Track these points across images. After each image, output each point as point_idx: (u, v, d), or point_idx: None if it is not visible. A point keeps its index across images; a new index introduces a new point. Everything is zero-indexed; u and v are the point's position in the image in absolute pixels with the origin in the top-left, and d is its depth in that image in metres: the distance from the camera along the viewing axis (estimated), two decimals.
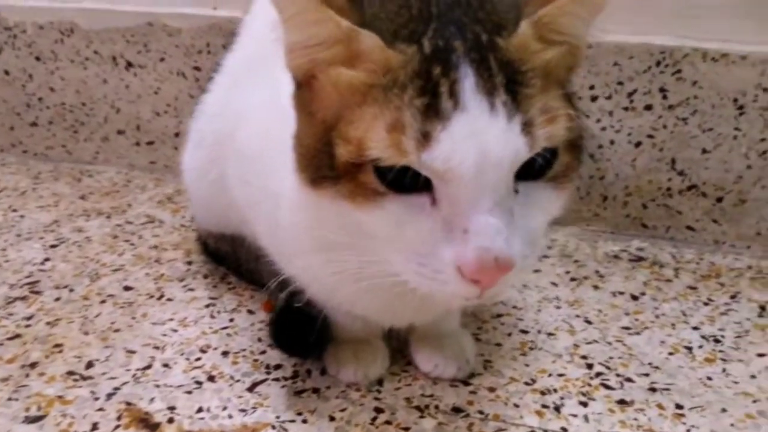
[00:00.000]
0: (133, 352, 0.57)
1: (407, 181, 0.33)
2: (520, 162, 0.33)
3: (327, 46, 0.34)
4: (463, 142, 0.31)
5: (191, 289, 0.66)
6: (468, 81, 0.31)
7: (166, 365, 0.55)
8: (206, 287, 0.66)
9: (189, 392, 0.52)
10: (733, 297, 0.67)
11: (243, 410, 0.50)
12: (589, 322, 0.62)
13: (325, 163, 0.35)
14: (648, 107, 0.74)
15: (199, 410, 0.50)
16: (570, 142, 0.35)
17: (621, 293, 0.67)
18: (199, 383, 0.53)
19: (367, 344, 0.53)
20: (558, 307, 0.64)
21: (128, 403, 0.51)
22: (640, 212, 0.78)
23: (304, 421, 0.49)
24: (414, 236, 0.34)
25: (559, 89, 0.34)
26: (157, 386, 0.53)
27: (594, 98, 0.75)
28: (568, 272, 0.71)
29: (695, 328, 0.61)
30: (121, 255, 0.73)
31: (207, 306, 0.63)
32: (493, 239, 0.32)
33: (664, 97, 0.73)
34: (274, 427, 0.48)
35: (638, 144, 0.75)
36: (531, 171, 0.34)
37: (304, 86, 0.37)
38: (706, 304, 0.65)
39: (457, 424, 0.48)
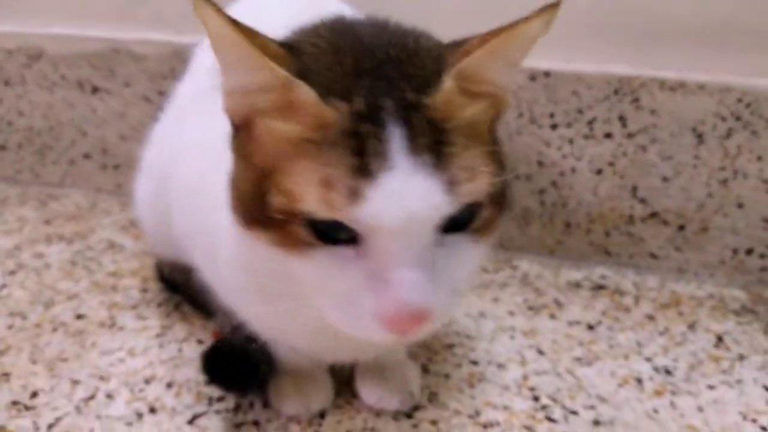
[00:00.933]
0: (78, 382, 0.56)
1: (336, 234, 0.33)
2: (442, 218, 0.33)
3: (263, 92, 0.34)
4: (389, 200, 0.32)
5: (143, 318, 0.66)
6: (395, 141, 0.32)
7: (109, 396, 0.55)
8: (159, 316, 0.66)
9: (129, 423, 0.51)
10: (690, 326, 0.66)
11: None
12: (541, 353, 0.61)
13: (258, 207, 0.35)
14: (608, 135, 0.74)
15: None
16: (492, 196, 0.35)
17: (578, 323, 0.66)
18: (140, 415, 0.52)
19: (311, 377, 0.53)
20: (512, 337, 0.64)
21: None
22: (603, 240, 0.78)
23: None
24: (339, 285, 0.35)
25: (482, 145, 0.35)
26: (98, 417, 0.52)
27: (554, 126, 0.75)
28: (526, 300, 0.70)
29: (648, 359, 0.61)
30: (77, 282, 0.72)
31: (157, 336, 0.62)
32: (411, 293, 0.33)
33: (624, 125, 0.73)
34: None
35: (599, 171, 0.75)
36: (454, 224, 0.34)
37: (242, 130, 0.37)
38: (662, 333, 0.65)
39: None
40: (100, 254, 0.78)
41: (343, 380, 0.55)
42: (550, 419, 0.52)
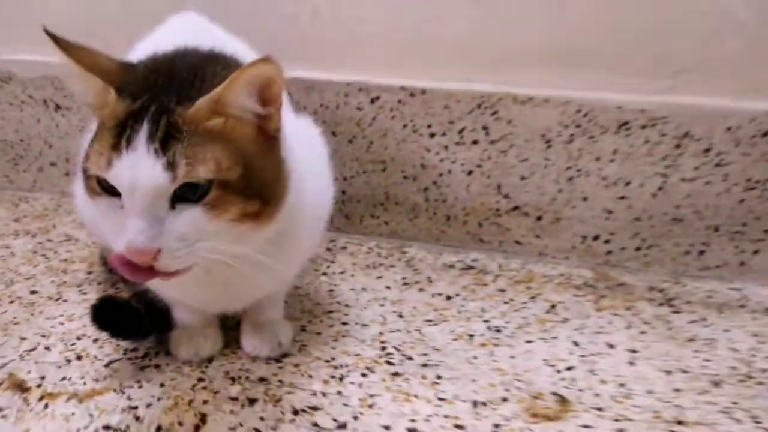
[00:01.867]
0: (24, 338, 0.71)
1: (110, 189, 0.48)
2: (162, 188, 0.46)
3: (94, 95, 0.50)
4: (125, 170, 0.46)
5: (85, 293, 0.81)
6: (142, 132, 0.46)
7: (47, 348, 0.69)
8: (98, 291, 0.81)
9: (59, 367, 0.66)
10: (532, 298, 0.81)
11: (96, 379, 0.64)
12: (401, 316, 0.76)
13: (84, 171, 0.50)
14: (475, 142, 0.89)
15: (63, 379, 0.64)
16: (222, 183, 0.47)
17: (440, 294, 0.81)
18: (69, 361, 0.67)
19: (201, 330, 0.67)
20: (382, 305, 0.78)
21: (11, 374, 0.65)
22: (477, 229, 0.92)
23: (140, 387, 0.63)
24: (111, 223, 0.49)
25: (222, 147, 0.48)
26: (36, 363, 0.67)
27: (432, 135, 0.90)
28: (404, 278, 0.85)
29: (485, 321, 0.75)
30: (35, 266, 0.87)
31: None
32: (134, 235, 0.46)
33: (487, 134, 0.88)
34: (115, 391, 0.62)
35: (470, 172, 0.90)
36: (190, 197, 0.47)
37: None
38: (506, 303, 0.79)
39: (257, 389, 0.62)
40: (58, 245, 0.93)
41: (233, 336, 0.70)
42: (389, 363, 0.67)
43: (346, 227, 0.97)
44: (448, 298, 0.80)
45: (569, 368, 0.66)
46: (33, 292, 0.81)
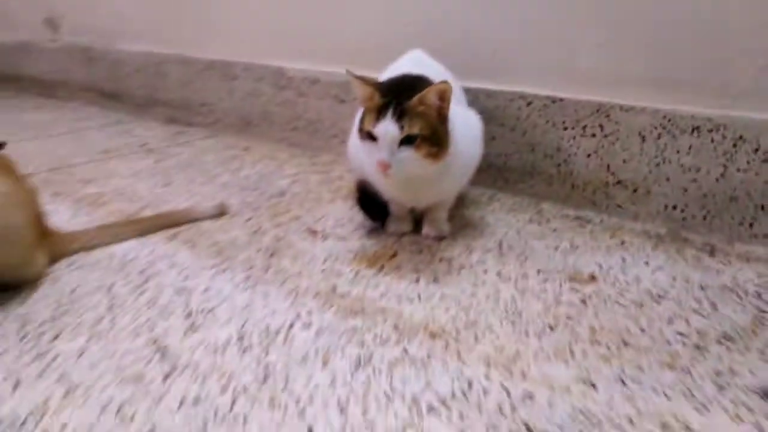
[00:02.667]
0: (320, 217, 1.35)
1: (373, 137, 1.04)
2: (397, 137, 1.00)
3: (365, 95, 1.08)
4: (381, 128, 1.01)
5: (347, 201, 1.43)
6: (389, 112, 1.01)
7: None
8: (354, 198, 1.43)
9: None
10: (611, 237, 1.22)
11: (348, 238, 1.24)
12: (518, 233, 1.24)
13: (360, 126, 1.08)
14: (593, 135, 1.32)
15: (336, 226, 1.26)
16: (422, 137, 1.01)
17: (551, 228, 1.27)
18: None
19: (401, 217, 1.24)
20: (507, 230, 1.27)
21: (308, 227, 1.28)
22: (591, 196, 1.35)
23: (373, 242, 1.21)
24: (370, 155, 1.04)
25: (427, 120, 1.01)
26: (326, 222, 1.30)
27: (565, 128, 1.35)
28: (530, 218, 1.32)
29: (571, 244, 1.20)
30: (320, 186, 1.53)
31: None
32: (382, 158, 1.01)
33: (601, 130, 1.31)
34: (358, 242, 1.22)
35: (589, 155, 1.34)
36: (407, 143, 1.01)
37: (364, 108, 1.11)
38: (592, 239, 1.23)
39: (424, 246, 1.17)
40: (335, 179, 1.58)
41: (418, 223, 1.25)
42: (499, 254, 1.16)
43: (503, 187, 1.47)
44: (554, 230, 1.26)
45: (603, 267, 1.09)
46: (317, 199, 1.45)
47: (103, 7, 2.40)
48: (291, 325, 0.90)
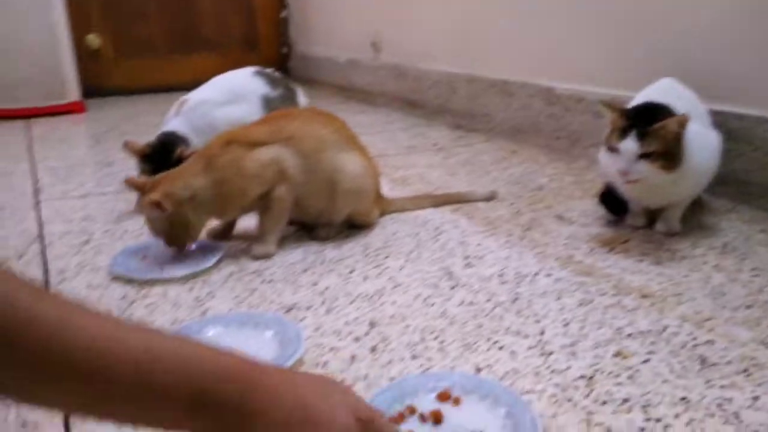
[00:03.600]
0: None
1: (614, 148, 1.34)
2: (636, 152, 1.28)
3: (611, 119, 1.39)
4: (625, 144, 1.30)
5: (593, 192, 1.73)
6: (632, 133, 1.29)
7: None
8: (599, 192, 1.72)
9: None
10: None
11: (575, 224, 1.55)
12: (725, 246, 1.42)
13: (606, 140, 1.39)
14: None
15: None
16: (657, 153, 1.28)
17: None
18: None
19: (638, 212, 1.50)
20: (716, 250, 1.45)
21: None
22: None
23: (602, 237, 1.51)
24: (614, 164, 1.34)
25: (663, 141, 1.28)
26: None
27: None
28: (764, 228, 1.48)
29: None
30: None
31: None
32: (624, 167, 1.30)
33: None
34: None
35: None
36: (644, 158, 1.29)
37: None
38: None
39: (641, 239, 1.42)
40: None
41: (652, 218, 1.50)
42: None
43: (744, 201, 1.62)
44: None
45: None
46: (569, 195, 1.77)
47: (414, 35, 3.04)
48: (536, 273, 1.27)
